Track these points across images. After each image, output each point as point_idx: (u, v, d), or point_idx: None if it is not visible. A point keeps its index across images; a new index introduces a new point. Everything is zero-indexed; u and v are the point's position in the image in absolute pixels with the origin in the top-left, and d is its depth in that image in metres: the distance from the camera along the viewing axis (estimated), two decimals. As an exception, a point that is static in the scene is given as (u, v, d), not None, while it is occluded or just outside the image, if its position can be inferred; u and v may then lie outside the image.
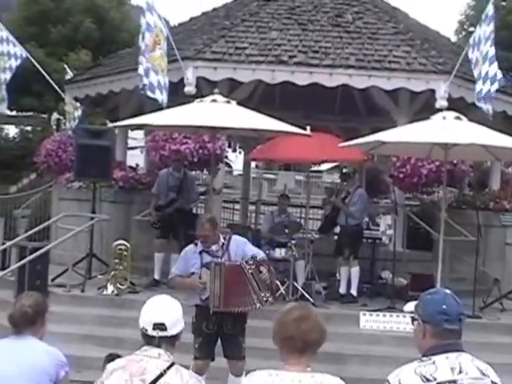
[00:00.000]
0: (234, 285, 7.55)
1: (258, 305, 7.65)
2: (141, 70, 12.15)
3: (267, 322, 3.94)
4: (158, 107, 11.87)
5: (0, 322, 5.91)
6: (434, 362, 3.55)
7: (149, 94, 12.17)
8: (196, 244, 7.84)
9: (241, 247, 7.85)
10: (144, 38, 12.26)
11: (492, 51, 11.86)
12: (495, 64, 11.82)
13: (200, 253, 7.76)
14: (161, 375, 3.98)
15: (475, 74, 12.06)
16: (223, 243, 7.81)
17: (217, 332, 7.71)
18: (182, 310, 4.26)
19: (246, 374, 3.79)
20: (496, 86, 11.81)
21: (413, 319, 3.73)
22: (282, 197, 13.76)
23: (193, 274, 7.74)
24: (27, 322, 4.81)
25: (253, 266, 7.62)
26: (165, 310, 4.18)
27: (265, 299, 7.62)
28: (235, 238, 8.01)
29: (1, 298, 10.64)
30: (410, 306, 3.82)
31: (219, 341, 7.85)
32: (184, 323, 4.28)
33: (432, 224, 13.69)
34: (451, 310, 3.65)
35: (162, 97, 12.16)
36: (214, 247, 7.76)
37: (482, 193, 15.25)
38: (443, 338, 3.62)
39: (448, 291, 3.79)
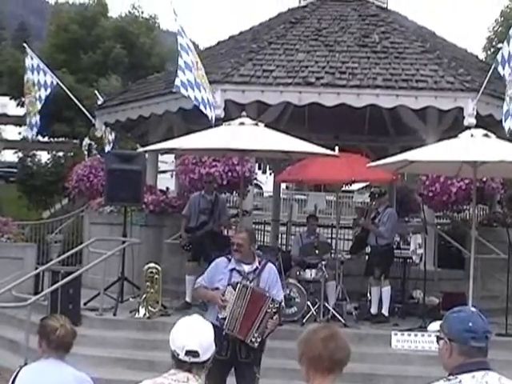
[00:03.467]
0: (250, 312, 7.21)
1: (243, 338, 7.19)
2: (189, 83, 12.04)
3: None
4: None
5: (32, 346, 5.97)
6: (460, 381, 3.54)
7: (201, 108, 12.15)
8: (229, 259, 7.44)
9: (272, 279, 7.45)
10: (188, 55, 12.22)
11: None
12: None
13: (231, 270, 7.36)
14: None
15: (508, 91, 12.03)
16: (257, 267, 7.42)
17: (230, 360, 7.22)
18: (213, 333, 4.19)
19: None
20: None
21: (438, 338, 3.72)
22: (310, 217, 13.73)
23: (216, 289, 7.35)
24: (69, 347, 4.86)
25: (273, 310, 7.26)
26: (198, 336, 4.09)
27: (253, 339, 7.19)
28: (270, 266, 7.60)
29: (34, 321, 10.70)
30: (435, 326, 3.80)
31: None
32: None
33: (463, 242, 13.63)
34: (477, 328, 3.63)
35: (211, 114, 12.18)
36: (246, 268, 7.37)
37: (513, 210, 15.17)
38: (470, 357, 3.60)
39: (474, 309, 3.79)
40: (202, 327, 4.18)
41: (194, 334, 4.10)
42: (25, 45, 16.79)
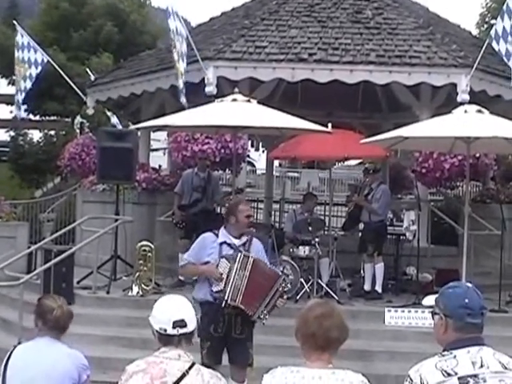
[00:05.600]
0: (258, 285, 7.20)
1: (252, 314, 7.20)
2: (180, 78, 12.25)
3: (292, 321, 3.94)
4: (179, 108, 11.91)
5: (25, 325, 5.94)
6: (455, 357, 3.53)
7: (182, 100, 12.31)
8: (216, 234, 7.36)
9: (260, 254, 7.46)
10: (181, 42, 12.29)
11: None
12: None
13: (220, 244, 7.29)
14: (183, 376, 3.95)
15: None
16: (246, 241, 7.40)
17: (225, 336, 7.21)
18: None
19: (268, 371, 3.78)
20: None
21: (433, 313, 3.71)
22: (308, 196, 13.65)
23: (206, 263, 7.28)
24: (66, 328, 4.85)
25: (284, 288, 7.33)
26: (181, 306, 4.17)
27: (261, 316, 7.21)
28: (257, 241, 7.62)
29: (27, 300, 10.68)
30: (429, 300, 3.78)
31: None
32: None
33: (456, 219, 13.65)
34: (473, 304, 3.61)
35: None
36: (236, 241, 7.33)
37: (506, 186, 15.17)
38: (465, 332, 3.59)
39: (469, 285, 3.76)
40: (180, 300, 4.24)
41: (176, 305, 4.17)
42: (15, 22, 16.65)
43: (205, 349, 7.13)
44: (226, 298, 7.06)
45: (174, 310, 4.14)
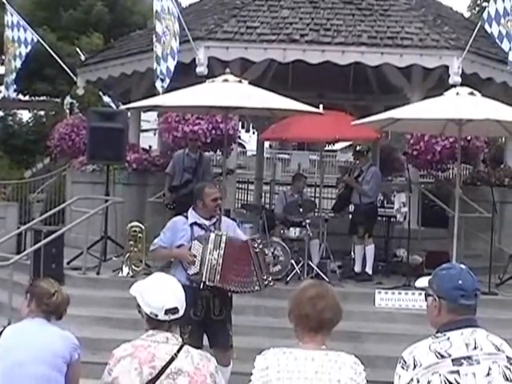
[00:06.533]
0: (235, 261, 7.11)
1: (257, 288, 7.21)
2: (157, 58, 12.23)
3: (282, 302, 3.92)
4: (169, 89, 11.86)
5: (14, 306, 5.92)
6: (448, 338, 3.52)
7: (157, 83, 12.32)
8: (186, 217, 7.30)
9: (232, 229, 7.42)
10: (162, 23, 12.27)
11: None
12: None
13: (191, 225, 7.22)
14: (172, 359, 3.91)
15: (505, 47, 12.07)
16: (216, 220, 7.34)
17: (204, 319, 7.10)
18: (185, 293, 4.18)
19: (260, 353, 3.76)
20: None
21: (426, 295, 3.70)
22: (297, 176, 13.63)
23: (180, 246, 7.21)
24: (63, 314, 4.84)
25: (260, 246, 7.23)
26: (173, 293, 4.09)
27: (265, 282, 7.18)
28: (225, 219, 7.63)
29: (16, 281, 10.66)
30: (422, 282, 3.76)
31: None
32: None
33: (447, 201, 13.65)
34: (467, 286, 3.61)
35: (161, 84, 12.33)
36: (206, 222, 7.25)
37: (497, 169, 15.17)
38: (459, 314, 3.59)
39: (463, 266, 3.74)
40: (173, 283, 4.17)
41: (170, 291, 4.09)
42: (4, 1, 16.51)
43: (186, 333, 6.88)
44: (203, 279, 6.96)
45: (167, 297, 4.05)
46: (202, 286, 6.97)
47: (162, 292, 4.07)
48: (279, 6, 14.38)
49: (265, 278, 7.18)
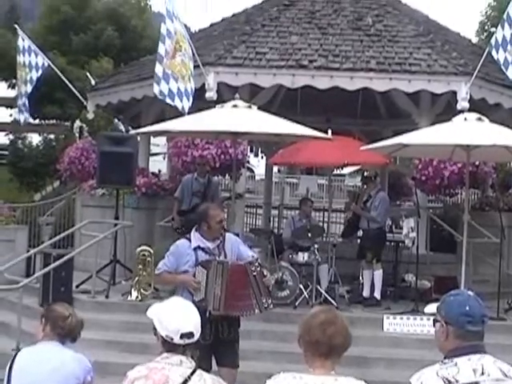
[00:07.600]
0: (236, 287, 7.03)
1: (257, 311, 7.14)
2: (157, 77, 12.23)
3: (291, 327, 3.94)
4: (179, 113, 11.93)
5: (23, 328, 5.95)
6: (456, 364, 3.54)
7: (168, 101, 12.23)
8: (189, 240, 7.22)
9: (236, 246, 7.34)
10: (164, 44, 12.35)
11: None
12: None
13: (195, 249, 7.15)
14: (185, 382, 3.93)
15: (510, 74, 12.12)
16: (220, 241, 7.25)
17: (213, 342, 6.99)
18: None
19: (270, 377, 3.78)
20: None
21: (434, 321, 3.72)
22: (304, 201, 13.69)
23: (184, 272, 7.14)
24: (77, 337, 4.92)
25: (258, 269, 7.12)
26: (190, 317, 4.11)
27: (265, 306, 7.11)
28: (229, 235, 7.47)
29: (25, 304, 10.70)
30: (431, 308, 3.79)
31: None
32: None
33: (455, 226, 13.64)
34: (474, 312, 3.63)
35: (181, 104, 12.20)
36: (210, 245, 7.17)
37: (505, 194, 15.18)
38: (466, 340, 3.61)
39: (471, 293, 3.77)
40: (190, 308, 4.20)
41: (186, 316, 4.11)
42: (16, 26, 16.67)
43: (195, 358, 6.92)
44: (209, 308, 6.94)
45: (183, 320, 4.07)
46: (208, 315, 6.92)
47: (179, 316, 4.10)
48: (288, 32, 14.47)
49: (264, 300, 7.11)
